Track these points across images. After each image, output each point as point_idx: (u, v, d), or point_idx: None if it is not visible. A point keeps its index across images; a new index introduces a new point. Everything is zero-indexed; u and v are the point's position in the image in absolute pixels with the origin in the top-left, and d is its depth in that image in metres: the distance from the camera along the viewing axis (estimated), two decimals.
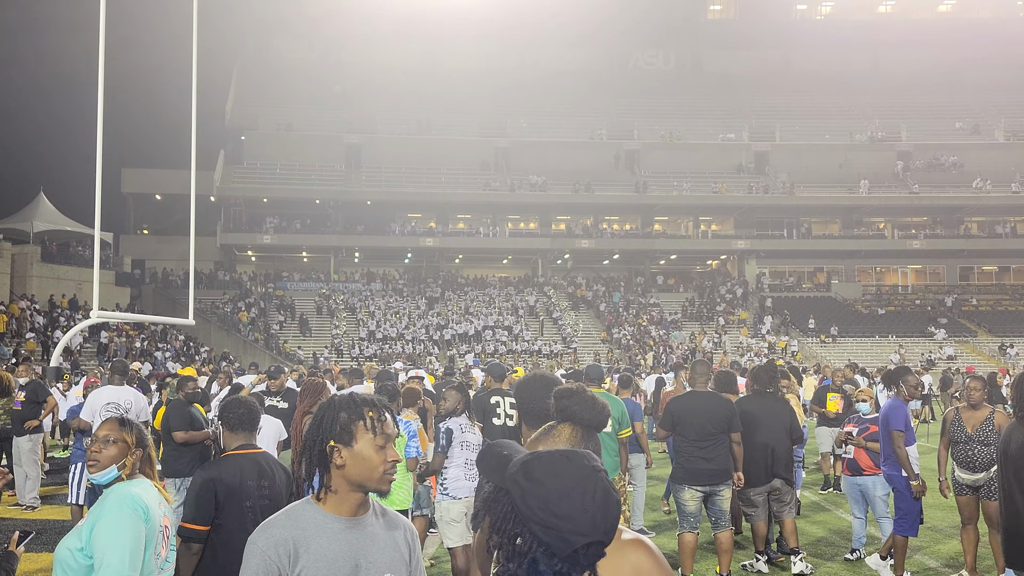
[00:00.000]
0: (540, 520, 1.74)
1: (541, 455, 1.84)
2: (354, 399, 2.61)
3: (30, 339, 36.10)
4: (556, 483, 1.77)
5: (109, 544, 3.40)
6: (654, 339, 48.80)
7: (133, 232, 58.46)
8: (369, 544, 2.56)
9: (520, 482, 1.80)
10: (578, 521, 1.73)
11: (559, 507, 1.74)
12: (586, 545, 1.75)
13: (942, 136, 62.49)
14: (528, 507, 1.76)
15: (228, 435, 4.90)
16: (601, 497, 1.76)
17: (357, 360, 41.92)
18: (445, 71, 64.34)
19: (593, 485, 1.77)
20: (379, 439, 2.54)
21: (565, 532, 1.73)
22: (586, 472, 1.79)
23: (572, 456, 1.83)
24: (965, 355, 47.66)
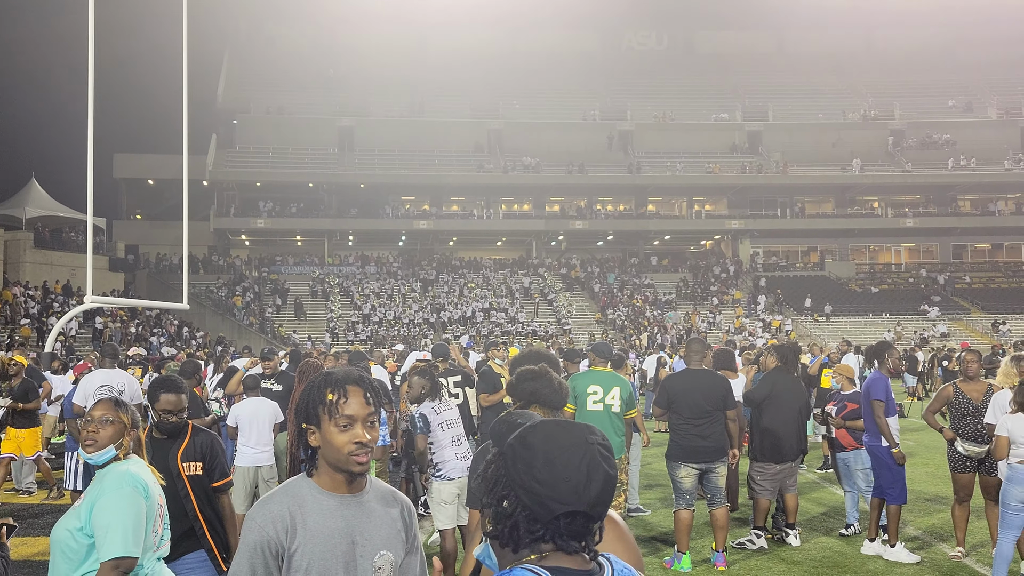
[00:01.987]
0: (524, 484, 1.76)
1: (542, 423, 1.86)
2: (324, 380, 2.60)
3: (24, 325, 36.04)
4: (544, 449, 1.78)
5: (111, 522, 3.41)
6: (648, 319, 48.88)
7: (126, 217, 58.28)
8: (365, 521, 2.57)
9: (515, 446, 1.82)
10: (558, 488, 1.75)
11: (541, 472, 1.76)
12: (568, 514, 1.76)
13: (935, 114, 62.52)
14: (516, 470, 1.79)
15: None
16: (587, 469, 1.76)
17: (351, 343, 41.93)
18: (437, 53, 64.08)
19: (581, 456, 1.77)
20: (340, 420, 2.52)
21: (545, 498, 1.75)
22: (577, 443, 1.80)
23: (569, 427, 1.84)
24: (958, 332, 47.81)
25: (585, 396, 7.86)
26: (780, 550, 8.53)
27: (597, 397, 7.83)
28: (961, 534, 8.13)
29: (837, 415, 8.96)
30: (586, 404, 7.84)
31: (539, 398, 2.66)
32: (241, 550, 2.51)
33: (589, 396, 7.85)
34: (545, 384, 2.71)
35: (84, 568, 3.45)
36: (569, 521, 1.76)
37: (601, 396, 7.82)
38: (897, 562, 7.94)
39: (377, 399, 2.61)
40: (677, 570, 7.78)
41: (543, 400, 2.64)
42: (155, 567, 3.65)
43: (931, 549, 8.53)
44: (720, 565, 7.86)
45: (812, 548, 8.62)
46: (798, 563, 8.06)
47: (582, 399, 7.85)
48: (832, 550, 8.53)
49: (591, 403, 7.84)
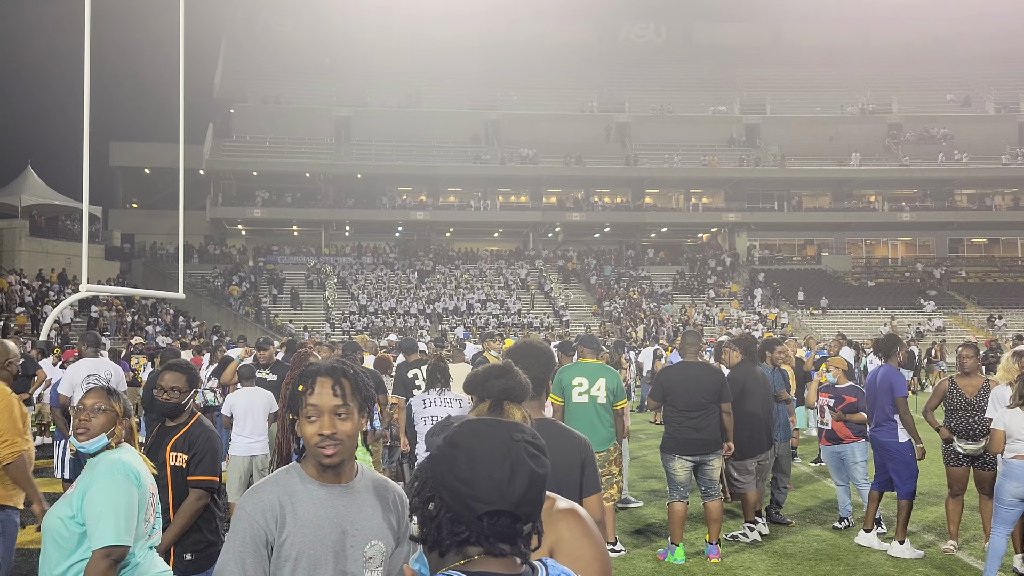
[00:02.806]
0: (446, 484, 1.71)
1: (468, 422, 1.80)
2: (301, 372, 2.61)
3: (20, 314, 35.99)
4: (468, 447, 1.73)
5: (103, 510, 3.41)
6: (645, 312, 48.93)
7: (122, 206, 58.20)
8: (356, 511, 2.56)
9: (441, 446, 1.77)
10: (479, 487, 1.68)
11: (463, 471, 1.70)
12: (492, 514, 1.69)
13: (933, 108, 62.54)
14: (439, 470, 1.74)
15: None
16: (510, 467, 1.70)
17: (349, 334, 41.94)
18: (435, 44, 63.91)
19: (504, 454, 1.71)
20: (307, 411, 2.53)
21: (466, 497, 1.69)
22: (502, 441, 1.74)
23: (495, 425, 1.78)
24: (954, 327, 47.92)
25: (571, 388, 7.84)
26: (773, 543, 8.55)
27: (583, 389, 7.81)
28: (954, 528, 8.15)
29: (835, 408, 8.92)
30: (572, 396, 7.84)
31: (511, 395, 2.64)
32: (231, 539, 2.49)
33: (575, 388, 7.84)
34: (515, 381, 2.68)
35: (76, 556, 3.44)
36: (494, 521, 1.70)
37: (587, 388, 7.80)
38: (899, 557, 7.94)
39: (355, 390, 2.57)
40: (671, 562, 7.79)
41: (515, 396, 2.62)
42: (147, 555, 3.65)
43: (922, 541, 8.54)
44: (713, 557, 7.88)
45: (806, 540, 8.63)
46: (791, 555, 8.08)
47: (568, 391, 7.84)
48: (826, 542, 8.55)
49: (576, 395, 7.84)
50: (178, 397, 4.72)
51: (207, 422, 4.93)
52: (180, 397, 4.73)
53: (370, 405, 2.66)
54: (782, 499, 9.49)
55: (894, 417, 8.04)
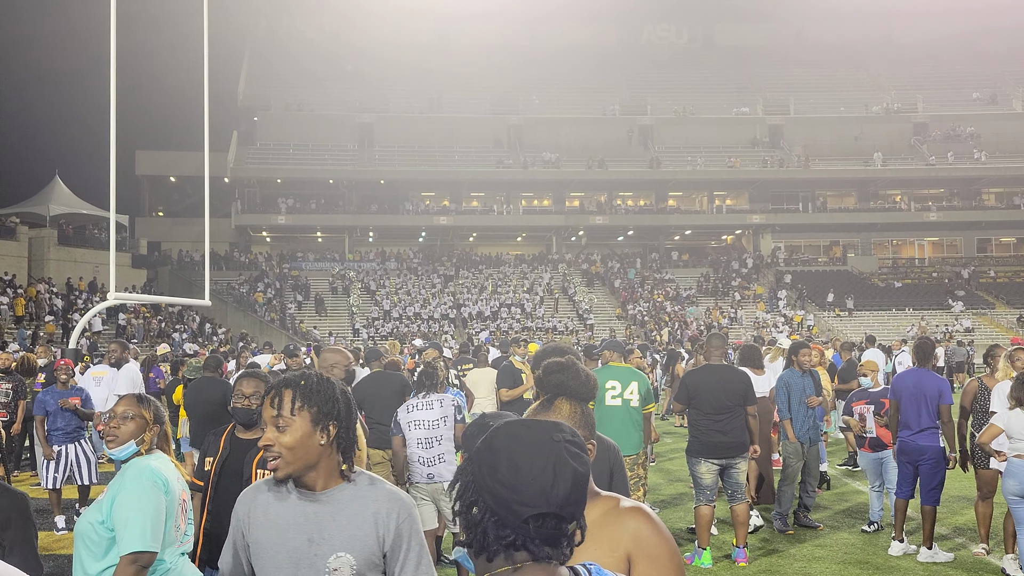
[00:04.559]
0: (489, 488, 1.70)
1: (507, 424, 1.80)
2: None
3: (49, 322, 36.39)
4: (508, 451, 1.72)
5: (129, 516, 3.44)
6: (669, 315, 48.75)
7: (148, 214, 58.73)
8: (328, 520, 2.57)
9: (480, 450, 1.77)
10: (523, 492, 1.68)
11: (506, 476, 1.69)
12: (537, 517, 1.69)
13: (959, 107, 61.93)
14: (481, 475, 1.73)
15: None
16: (553, 469, 1.69)
17: (373, 339, 42.07)
18: (456, 49, 64.08)
19: (546, 457, 1.70)
20: (263, 422, 2.61)
21: (511, 502, 1.68)
22: (542, 442, 1.73)
23: (533, 426, 1.78)
24: (983, 327, 47.40)
25: (604, 391, 7.83)
26: (802, 546, 8.49)
27: (616, 392, 7.80)
28: (984, 531, 8.07)
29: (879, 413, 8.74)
30: (604, 399, 7.82)
31: (565, 390, 2.64)
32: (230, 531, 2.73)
33: (608, 391, 7.82)
34: (572, 376, 2.69)
35: (107, 561, 3.48)
36: (539, 524, 1.70)
37: (620, 391, 7.78)
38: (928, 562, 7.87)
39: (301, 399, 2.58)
40: (698, 566, 7.76)
41: (570, 392, 2.62)
42: (178, 562, 3.67)
43: (952, 544, 8.47)
44: (741, 561, 7.83)
45: (834, 544, 8.57)
46: (820, 559, 8.02)
47: (600, 394, 7.82)
48: (854, 546, 8.48)
49: (609, 398, 7.82)
50: (258, 403, 4.66)
51: None
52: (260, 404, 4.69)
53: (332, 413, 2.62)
54: (810, 503, 9.43)
55: (937, 423, 7.96)
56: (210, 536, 4.58)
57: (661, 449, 15.30)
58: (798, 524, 9.21)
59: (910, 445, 7.98)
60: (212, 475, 4.66)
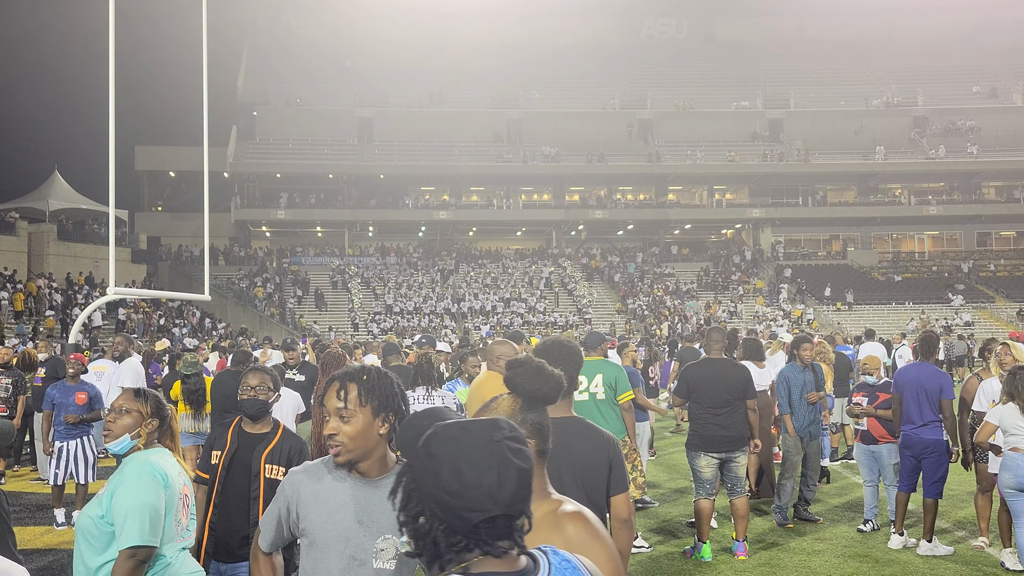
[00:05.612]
0: (434, 497, 1.67)
1: (443, 427, 1.75)
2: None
3: (49, 317, 36.39)
4: (450, 457, 1.67)
5: (128, 510, 3.44)
6: (669, 309, 48.76)
7: (148, 209, 58.69)
8: (377, 504, 2.73)
9: (420, 457, 1.72)
10: (470, 497, 1.64)
11: (450, 483, 1.65)
12: (487, 520, 1.66)
13: (959, 100, 61.84)
14: (424, 484, 1.69)
15: None
16: (497, 471, 1.66)
17: (373, 334, 42.09)
18: (456, 43, 63.98)
19: (488, 459, 1.67)
20: (321, 412, 2.80)
21: (459, 509, 1.65)
22: (483, 444, 1.68)
23: (471, 427, 1.73)
24: (983, 321, 47.41)
25: None
26: (801, 540, 8.50)
27: (582, 387, 7.72)
28: (984, 524, 8.08)
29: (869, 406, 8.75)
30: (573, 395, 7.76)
31: (515, 387, 2.59)
32: (274, 499, 2.91)
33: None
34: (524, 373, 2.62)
35: (107, 555, 3.48)
36: (490, 526, 1.67)
37: (585, 386, 7.73)
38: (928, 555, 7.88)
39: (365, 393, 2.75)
40: (698, 559, 7.77)
41: (520, 390, 2.57)
42: (178, 556, 3.67)
43: (952, 538, 8.48)
44: (740, 554, 7.84)
45: (833, 537, 8.58)
46: (819, 552, 8.03)
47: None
48: (854, 540, 8.49)
49: (577, 394, 7.78)
50: (266, 395, 4.67)
51: (293, 432, 4.88)
52: (268, 395, 4.68)
53: (391, 406, 2.79)
54: (811, 496, 9.43)
55: (939, 416, 7.96)
56: (216, 529, 4.58)
57: (661, 443, 15.32)
58: (798, 518, 9.22)
59: (913, 439, 7.97)
60: (219, 469, 4.66)
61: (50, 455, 9.55)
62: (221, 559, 4.59)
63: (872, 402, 8.71)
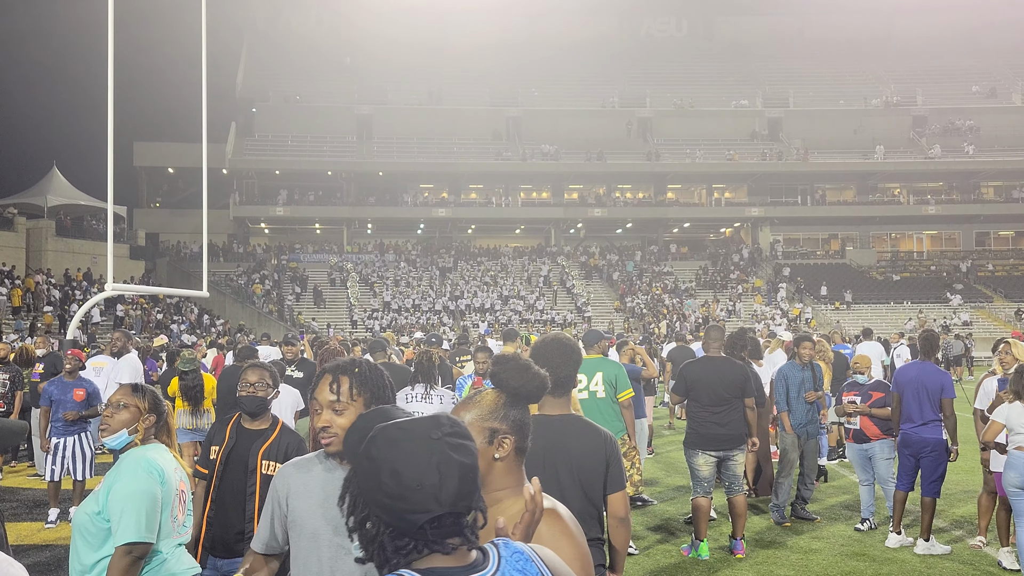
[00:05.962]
0: (377, 502, 1.65)
1: (382, 429, 1.72)
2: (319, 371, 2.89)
3: (47, 312, 36.37)
4: (388, 460, 1.66)
5: (125, 507, 3.43)
6: (668, 307, 48.75)
7: (146, 206, 58.64)
8: None
9: (362, 461, 1.70)
10: (412, 499, 1.63)
11: (390, 487, 1.64)
12: (432, 520, 1.64)
13: (958, 100, 61.86)
14: (367, 488, 1.67)
15: None
16: (437, 470, 1.64)
17: (372, 331, 42.07)
18: (455, 41, 63.95)
19: (428, 458, 1.65)
20: (313, 404, 2.82)
21: (403, 512, 1.62)
22: (421, 444, 1.67)
23: (409, 427, 1.70)
24: (981, 320, 47.44)
25: None
26: (799, 539, 8.50)
27: (582, 385, 7.73)
28: (984, 522, 8.08)
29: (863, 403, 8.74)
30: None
31: (499, 383, 2.58)
32: (267, 497, 2.96)
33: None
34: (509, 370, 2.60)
35: (103, 552, 3.47)
36: (436, 526, 1.65)
37: (585, 384, 7.74)
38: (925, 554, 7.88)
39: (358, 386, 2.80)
40: (695, 557, 7.77)
41: (504, 386, 2.56)
42: (174, 552, 3.66)
43: (950, 537, 8.48)
44: (738, 553, 7.84)
45: (831, 536, 8.58)
46: (817, 551, 8.03)
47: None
48: (852, 538, 8.49)
49: (576, 392, 7.80)
50: (265, 391, 4.64)
51: (292, 428, 4.86)
52: (267, 392, 4.65)
53: (383, 398, 2.84)
54: (808, 495, 9.43)
55: (939, 415, 7.95)
56: (213, 524, 4.58)
57: (659, 441, 15.32)
58: (795, 516, 9.22)
59: (913, 437, 7.98)
60: (217, 464, 4.66)
61: (47, 451, 9.53)
62: (218, 555, 4.58)
63: (866, 401, 8.70)
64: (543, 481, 2.96)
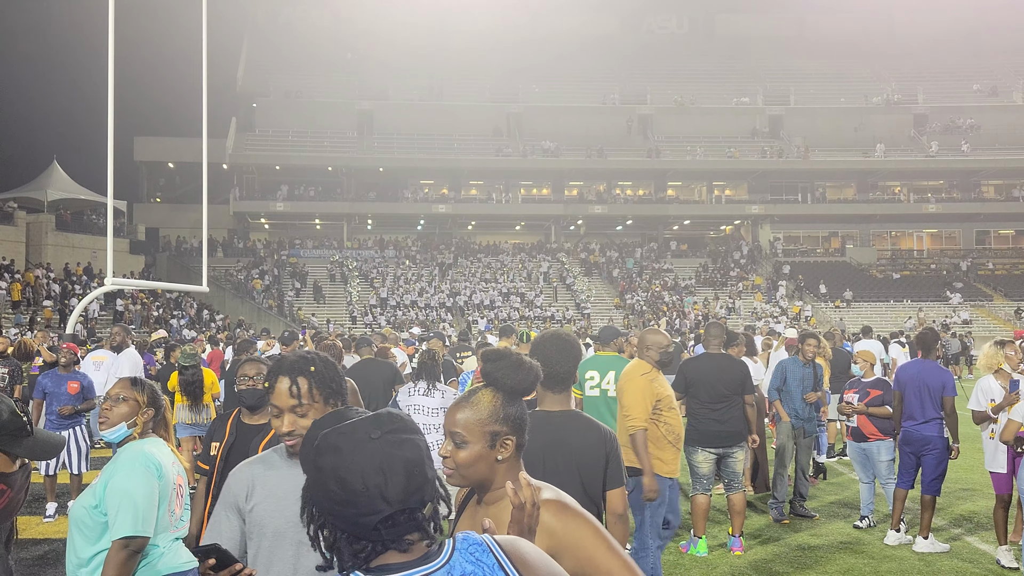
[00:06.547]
0: (329, 509, 1.64)
1: (325, 436, 1.70)
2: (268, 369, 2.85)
3: (47, 307, 36.37)
4: (332, 468, 1.64)
5: (122, 500, 3.42)
6: (667, 305, 48.75)
7: (146, 200, 58.59)
8: None
9: (310, 471, 1.69)
10: (360, 503, 1.62)
11: (337, 493, 1.62)
12: (385, 519, 1.63)
13: (959, 98, 61.81)
14: (318, 498, 1.66)
15: None
16: (380, 470, 1.63)
17: (371, 327, 42.07)
18: (456, 36, 63.88)
19: (369, 460, 1.63)
20: (272, 409, 2.76)
21: (354, 516, 1.62)
22: (361, 447, 1.65)
23: (349, 431, 1.69)
24: (980, 319, 47.44)
25: (584, 381, 7.80)
26: (797, 536, 8.50)
27: (593, 383, 7.74)
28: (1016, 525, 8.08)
29: (860, 403, 8.72)
30: (585, 390, 7.80)
31: (493, 380, 2.54)
32: (219, 499, 2.85)
33: (587, 381, 7.78)
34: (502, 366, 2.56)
35: (100, 545, 3.47)
36: (390, 525, 1.64)
37: (597, 381, 7.73)
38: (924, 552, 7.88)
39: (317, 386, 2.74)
40: (693, 554, 7.77)
41: (498, 383, 2.53)
42: (171, 547, 3.66)
43: (949, 535, 8.48)
44: (737, 550, 7.84)
45: (830, 534, 8.58)
46: (815, 548, 8.03)
47: (582, 385, 7.81)
48: (850, 536, 8.49)
49: (588, 389, 7.79)
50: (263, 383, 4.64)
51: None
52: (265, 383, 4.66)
53: (340, 394, 2.80)
54: (806, 490, 9.43)
55: (941, 413, 7.94)
56: None
57: None
58: (794, 514, 9.22)
59: (914, 435, 7.97)
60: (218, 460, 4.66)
61: None
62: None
63: (863, 399, 8.68)
64: (543, 477, 2.95)
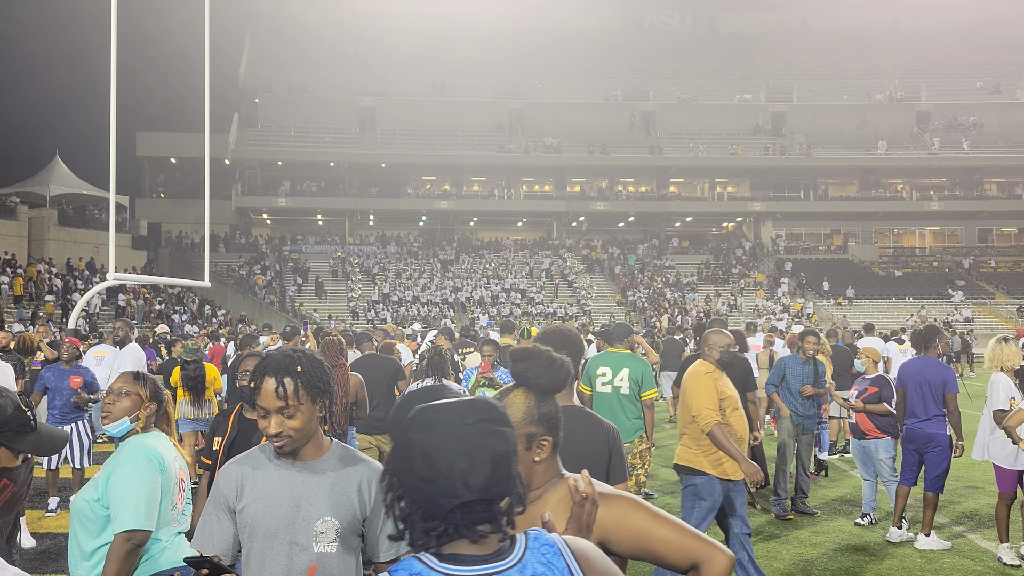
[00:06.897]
0: (409, 483, 1.66)
1: (419, 411, 1.72)
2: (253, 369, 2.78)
3: (48, 302, 36.40)
4: (422, 443, 1.66)
5: (124, 494, 3.43)
6: (669, 301, 48.74)
7: (149, 195, 58.59)
8: (314, 487, 2.73)
9: (399, 441, 1.70)
10: (441, 484, 1.62)
11: (422, 470, 1.64)
12: (463, 505, 1.63)
13: (962, 96, 61.72)
14: (402, 469, 1.68)
15: None
16: (468, 456, 1.63)
17: (373, 323, 42.08)
18: (459, 32, 63.82)
19: (459, 444, 1.64)
20: (258, 410, 2.72)
21: (432, 495, 1.64)
22: (453, 429, 1.67)
23: (444, 410, 1.70)
24: (983, 317, 47.40)
25: (595, 378, 7.79)
26: (799, 532, 8.50)
27: (606, 379, 7.72)
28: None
29: (857, 399, 8.69)
30: (596, 386, 7.79)
31: (525, 380, 2.51)
32: (207, 502, 2.82)
33: (599, 378, 7.77)
34: (534, 364, 2.53)
35: (102, 539, 3.47)
36: (467, 511, 1.64)
37: (610, 378, 7.71)
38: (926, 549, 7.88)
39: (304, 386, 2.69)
40: None
41: (530, 382, 2.50)
42: (174, 540, 3.66)
43: (951, 532, 8.47)
44: None
45: (831, 531, 8.58)
46: (816, 545, 8.03)
47: (593, 381, 7.80)
48: (852, 533, 8.49)
49: (600, 385, 7.77)
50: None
51: None
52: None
53: (328, 393, 2.78)
54: (807, 486, 9.43)
55: (943, 411, 7.93)
56: None
57: (660, 435, 15.32)
58: (796, 511, 9.22)
59: (917, 432, 7.96)
60: (220, 455, 4.67)
61: None
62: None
63: (861, 395, 8.64)
64: None
